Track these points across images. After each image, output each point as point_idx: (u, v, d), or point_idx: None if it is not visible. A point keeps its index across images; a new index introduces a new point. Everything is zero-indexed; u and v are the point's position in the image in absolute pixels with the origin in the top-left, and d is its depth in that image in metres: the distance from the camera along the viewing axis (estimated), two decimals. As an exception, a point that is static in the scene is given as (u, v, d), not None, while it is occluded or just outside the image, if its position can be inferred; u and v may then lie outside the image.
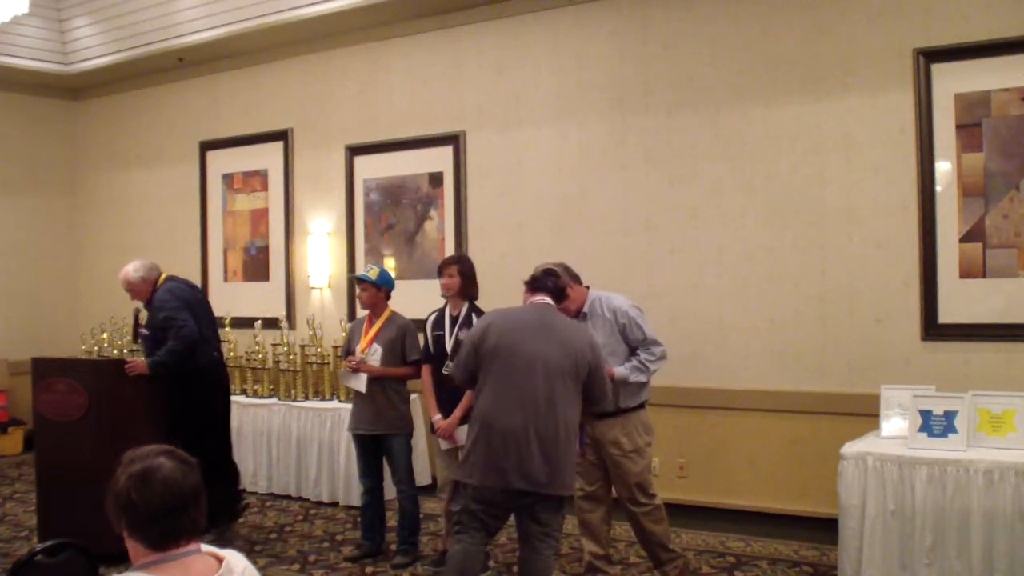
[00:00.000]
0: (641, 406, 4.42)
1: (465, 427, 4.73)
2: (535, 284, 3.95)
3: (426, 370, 5.01)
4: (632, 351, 4.34)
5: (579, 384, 3.73)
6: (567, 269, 4.37)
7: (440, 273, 4.98)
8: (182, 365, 5.21)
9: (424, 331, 5.05)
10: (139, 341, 5.57)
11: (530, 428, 3.61)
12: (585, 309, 4.38)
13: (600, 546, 4.53)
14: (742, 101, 5.67)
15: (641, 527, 4.43)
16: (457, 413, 4.78)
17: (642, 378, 4.32)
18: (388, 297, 5.22)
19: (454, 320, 4.92)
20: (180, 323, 5.21)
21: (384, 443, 5.10)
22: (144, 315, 5.57)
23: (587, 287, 4.46)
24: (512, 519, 3.86)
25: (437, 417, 4.87)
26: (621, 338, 4.34)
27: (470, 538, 3.73)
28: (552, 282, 3.94)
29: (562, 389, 3.68)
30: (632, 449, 4.35)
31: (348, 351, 5.25)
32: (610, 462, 4.37)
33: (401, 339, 5.08)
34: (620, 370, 4.23)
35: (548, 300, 3.91)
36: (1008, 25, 4.86)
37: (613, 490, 4.51)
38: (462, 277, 4.91)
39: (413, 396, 6.45)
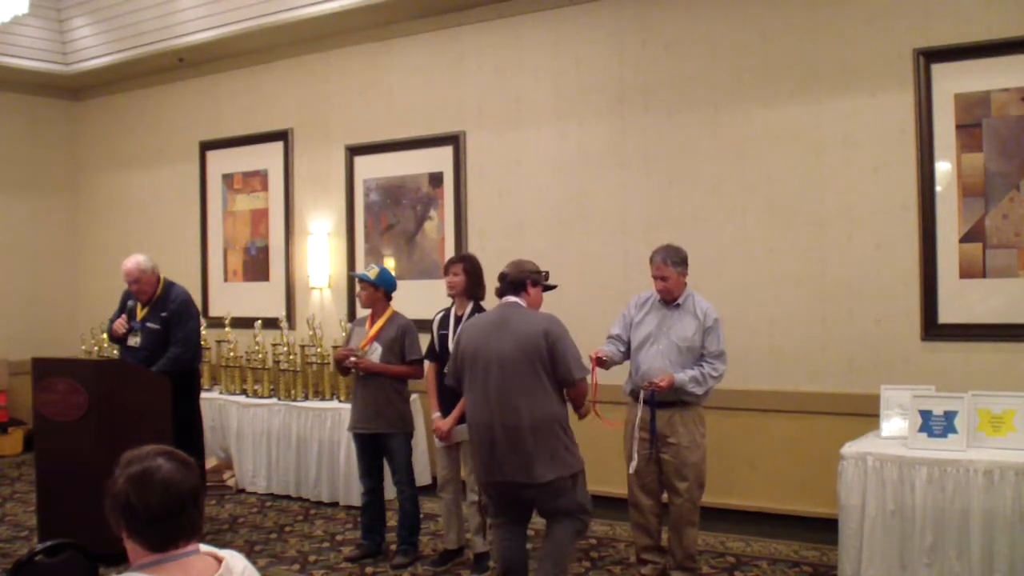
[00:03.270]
0: (699, 401, 4.50)
1: (462, 427, 4.77)
2: (499, 291, 4.16)
3: (431, 369, 5.02)
4: (700, 355, 4.45)
5: (541, 371, 3.84)
6: (677, 250, 4.54)
7: (446, 271, 4.99)
8: (185, 366, 5.61)
9: (431, 330, 5.05)
10: (132, 334, 5.56)
11: (495, 422, 3.84)
12: (680, 300, 4.52)
13: (650, 537, 4.56)
14: (742, 101, 5.67)
15: (681, 527, 4.45)
16: (455, 413, 4.78)
17: (698, 390, 4.38)
18: (389, 297, 5.22)
19: (459, 320, 4.92)
20: (197, 332, 5.77)
21: (384, 442, 5.10)
22: (140, 310, 5.58)
23: (686, 281, 4.59)
24: None
25: (436, 415, 4.88)
26: (700, 338, 4.44)
27: (501, 525, 4.03)
28: (504, 284, 4.11)
29: (520, 381, 3.82)
30: (690, 440, 4.40)
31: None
32: (668, 453, 4.41)
33: (401, 339, 5.08)
34: (679, 377, 4.33)
35: (512, 299, 4.09)
36: (1008, 25, 4.86)
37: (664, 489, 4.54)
38: (467, 276, 4.92)
39: (413, 396, 6.47)
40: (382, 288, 5.17)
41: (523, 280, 4.10)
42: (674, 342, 4.43)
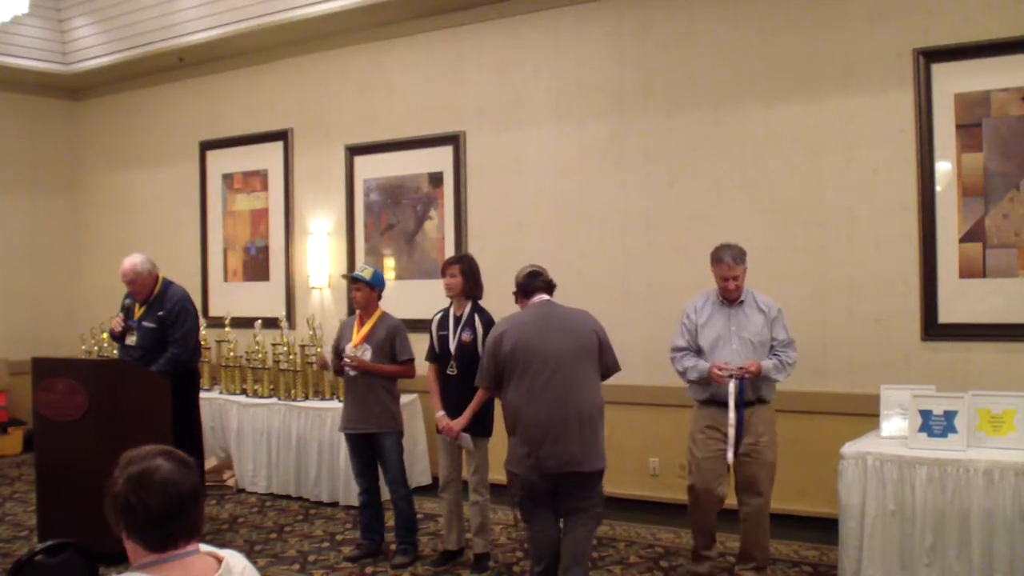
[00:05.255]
0: (770, 398, 4.56)
1: (467, 435, 4.76)
2: (528, 289, 4.26)
3: (433, 370, 5.02)
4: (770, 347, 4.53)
5: (595, 363, 4.09)
6: (740, 249, 4.59)
7: (443, 273, 4.99)
8: (184, 366, 5.58)
9: (430, 331, 5.05)
10: (129, 333, 5.57)
11: (557, 414, 3.96)
12: (743, 297, 4.58)
13: (710, 536, 4.62)
14: (742, 101, 5.67)
15: (758, 522, 4.45)
16: (464, 418, 4.78)
17: (780, 377, 4.50)
18: (379, 297, 5.23)
19: (457, 320, 4.93)
20: (195, 331, 5.72)
21: (375, 442, 5.10)
22: (137, 309, 5.59)
23: None
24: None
25: (440, 414, 4.87)
26: (769, 331, 4.52)
27: (537, 522, 4.09)
28: (541, 281, 4.26)
29: (578, 372, 4.02)
30: (768, 439, 4.45)
31: (338, 351, 5.26)
32: (750, 452, 4.41)
33: (391, 339, 5.09)
34: (765, 363, 4.42)
35: (545, 297, 4.24)
36: (1008, 25, 4.86)
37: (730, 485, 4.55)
38: (464, 277, 4.92)
39: (413, 396, 6.47)
40: (377, 289, 5.18)
41: (552, 282, 4.33)
42: (747, 339, 4.47)
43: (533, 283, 4.25)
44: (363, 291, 5.14)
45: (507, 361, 4.04)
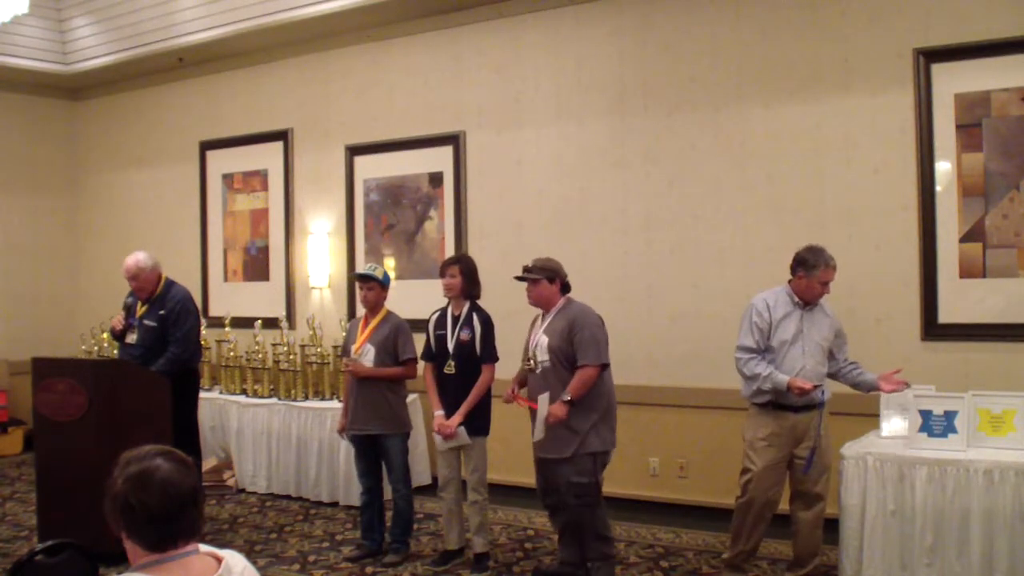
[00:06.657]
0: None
1: (462, 429, 4.77)
2: (569, 286, 4.62)
3: (428, 369, 5.02)
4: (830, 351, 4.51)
5: None
6: (825, 249, 4.51)
7: (442, 274, 4.99)
8: (184, 366, 5.56)
9: (427, 330, 5.05)
10: (130, 331, 5.57)
11: None
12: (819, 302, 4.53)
13: (755, 547, 4.54)
14: (742, 101, 5.67)
15: (818, 523, 4.40)
16: (458, 416, 4.78)
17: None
18: (385, 297, 5.24)
19: (456, 320, 4.93)
20: (196, 331, 5.72)
21: (380, 443, 5.10)
22: (139, 307, 5.59)
23: None
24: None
25: (439, 413, 4.88)
26: (832, 336, 4.51)
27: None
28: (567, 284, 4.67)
29: None
30: (827, 442, 4.41)
31: (346, 351, 5.26)
32: (817, 454, 4.35)
33: (394, 338, 5.09)
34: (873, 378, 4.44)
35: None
36: (1008, 25, 4.86)
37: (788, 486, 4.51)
38: (463, 277, 4.92)
39: (413, 396, 6.46)
40: (386, 288, 5.19)
41: None
42: (818, 343, 4.41)
43: (567, 284, 4.62)
44: (375, 290, 5.14)
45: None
